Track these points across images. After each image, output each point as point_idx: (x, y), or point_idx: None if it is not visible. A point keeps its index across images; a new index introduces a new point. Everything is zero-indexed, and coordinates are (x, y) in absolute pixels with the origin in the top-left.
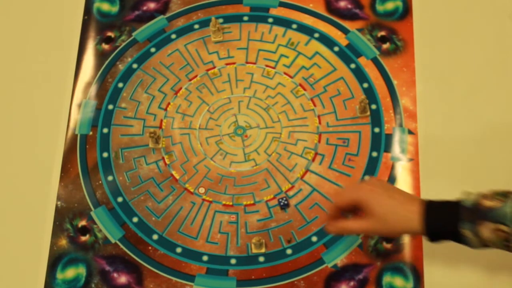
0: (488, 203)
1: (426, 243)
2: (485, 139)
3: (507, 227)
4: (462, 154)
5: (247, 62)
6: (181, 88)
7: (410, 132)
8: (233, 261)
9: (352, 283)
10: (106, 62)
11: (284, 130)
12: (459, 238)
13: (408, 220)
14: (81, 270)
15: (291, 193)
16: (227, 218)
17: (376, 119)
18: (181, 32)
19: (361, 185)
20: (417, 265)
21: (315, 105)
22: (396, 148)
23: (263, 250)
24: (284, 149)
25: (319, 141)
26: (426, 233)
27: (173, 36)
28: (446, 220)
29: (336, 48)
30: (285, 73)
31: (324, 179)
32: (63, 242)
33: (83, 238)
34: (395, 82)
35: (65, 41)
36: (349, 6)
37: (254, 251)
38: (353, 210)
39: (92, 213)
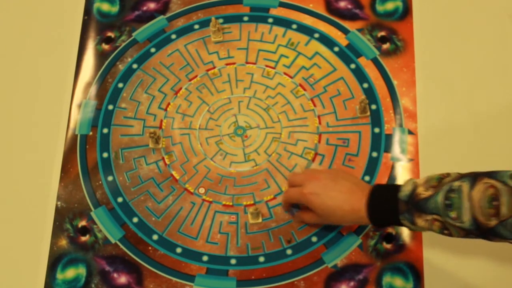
0: (422, 193)
1: (426, 243)
2: (485, 139)
3: (440, 217)
4: (462, 154)
5: (247, 62)
6: (181, 88)
7: (410, 132)
8: (233, 261)
9: (352, 284)
10: (106, 62)
11: (284, 130)
12: (401, 225)
13: (354, 213)
14: (81, 270)
15: None
16: (227, 218)
17: (376, 119)
18: (181, 32)
19: (301, 189)
20: (417, 265)
21: (315, 105)
22: (396, 148)
23: (259, 220)
24: (284, 149)
25: (319, 141)
26: (372, 224)
27: (173, 36)
28: (387, 214)
29: (336, 48)
30: (285, 73)
31: None
32: (63, 242)
33: (83, 238)
34: (395, 82)
35: (65, 41)
36: (349, 6)
37: (251, 221)
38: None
39: (92, 213)
